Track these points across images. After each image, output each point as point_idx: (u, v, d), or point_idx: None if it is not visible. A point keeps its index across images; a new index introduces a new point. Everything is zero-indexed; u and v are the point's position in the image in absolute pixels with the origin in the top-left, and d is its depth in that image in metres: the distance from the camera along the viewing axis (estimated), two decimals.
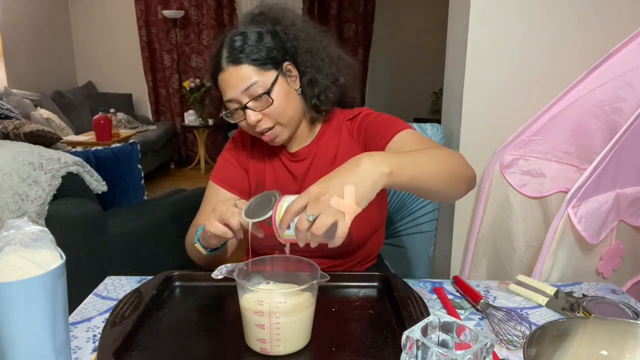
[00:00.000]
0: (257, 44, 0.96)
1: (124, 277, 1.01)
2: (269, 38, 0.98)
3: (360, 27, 5.41)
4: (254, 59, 0.95)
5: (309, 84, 1.02)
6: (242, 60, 0.95)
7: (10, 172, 1.48)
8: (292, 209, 0.70)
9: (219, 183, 1.10)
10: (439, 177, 0.80)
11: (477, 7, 1.44)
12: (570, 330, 0.68)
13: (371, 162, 0.71)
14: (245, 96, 0.96)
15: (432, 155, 0.82)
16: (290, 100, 0.99)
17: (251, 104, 0.96)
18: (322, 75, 1.02)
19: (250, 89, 0.95)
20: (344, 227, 0.67)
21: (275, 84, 0.96)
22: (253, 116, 0.97)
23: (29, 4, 4.65)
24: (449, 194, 0.85)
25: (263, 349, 0.72)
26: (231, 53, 0.96)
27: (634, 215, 1.27)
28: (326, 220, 0.66)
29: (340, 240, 0.68)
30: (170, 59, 5.31)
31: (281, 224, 0.71)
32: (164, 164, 5.15)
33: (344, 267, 1.11)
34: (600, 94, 1.28)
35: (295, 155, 1.09)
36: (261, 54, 0.96)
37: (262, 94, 0.95)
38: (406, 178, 0.74)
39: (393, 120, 1.00)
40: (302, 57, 1.01)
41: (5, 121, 2.22)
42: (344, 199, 0.67)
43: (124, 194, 1.97)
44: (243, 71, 0.95)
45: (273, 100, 0.96)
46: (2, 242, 0.61)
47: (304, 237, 0.69)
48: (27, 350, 0.60)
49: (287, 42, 0.99)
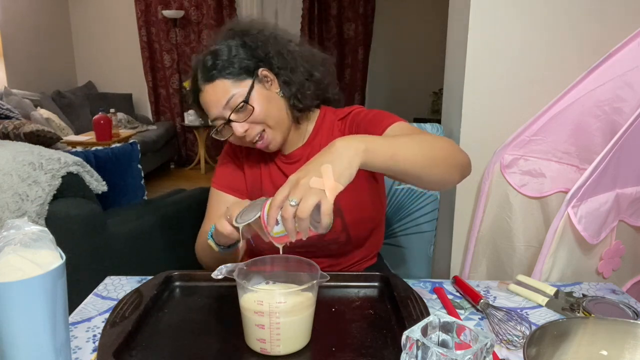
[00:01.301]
0: (228, 59, 0.98)
1: (124, 277, 1.01)
2: (240, 49, 0.99)
3: (360, 27, 5.41)
4: (228, 73, 0.97)
5: (285, 84, 1.03)
6: (216, 76, 0.97)
7: (10, 172, 1.48)
8: (276, 201, 0.70)
9: (221, 189, 1.11)
10: (424, 158, 0.79)
11: (477, 7, 1.44)
12: (570, 330, 0.68)
13: (345, 142, 0.72)
14: (227, 110, 0.97)
15: (417, 138, 0.82)
16: (272, 103, 1.00)
17: (234, 116, 0.97)
18: (295, 74, 1.03)
19: (230, 102, 0.97)
20: (327, 205, 0.67)
21: (252, 92, 0.97)
22: (239, 128, 0.98)
23: (29, 4, 4.65)
24: (439, 179, 0.84)
25: (263, 349, 0.72)
26: (204, 73, 0.98)
27: (634, 215, 1.27)
28: (309, 201, 0.67)
29: (327, 218, 0.68)
30: (170, 59, 5.31)
31: (269, 219, 0.71)
32: (164, 164, 5.15)
33: (343, 266, 1.11)
34: (600, 94, 1.28)
35: (289, 157, 1.09)
36: (234, 66, 0.97)
37: (241, 103, 0.96)
38: (386, 156, 0.74)
39: (384, 115, 1.00)
40: (274, 60, 1.02)
41: (5, 121, 2.22)
42: (323, 177, 0.68)
43: (124, 194, 1.97)
44: (218, 87, 0.97)
45: (254, 108, 0.97)
46: (2, 242, 0.61)
47: (292, 226, 0.69)
48: (27, 350, 0.60)
49: (257, 49, 1.01)
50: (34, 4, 4.71)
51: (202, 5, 5.20)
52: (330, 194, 0.68)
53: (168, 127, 5.23)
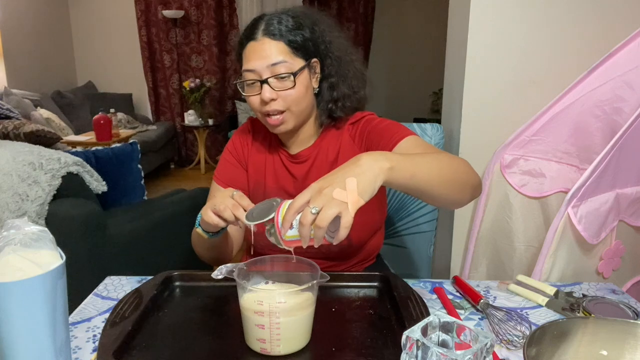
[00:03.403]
0: (295, 30, 0.97)
1: (124, 277, 1.01)
2: (307, 30, 0.99)
3: (360, 27, 5.41)
4: (290, 40, 0.96)
5: (329, 87, 1.03)
6: (279, 37, 0.96)
7: (10, 172, 1.48)
8: (295, 205, 0.70)
9: (222, 184, 1.11)
10: (440, 178, 0.79)
11: (477, 7, 1.44)
12: (570, 330, 0.68)
13: (371, 158, 0.72)
14: (268, 71, 0.95)
15: (435, 158, 0.82)
16: (307, 93, 1.00)
17: (272, 80, 0.96)
18: (345, 84, 1.04)
19: (277, 66, 0.95)
20: (348, 218, 0.67)
21: (301, 72, 0.97)
22: (268, 93, 0.96)
23: (29, 4, 4.65)
24: (452, 199, 0.84)
25: (263, 349, 0.72)
26: (269, 27, 0.96)
27: (634, 215, 1.27)
28: (330, 211, 0.66)
29: (345, 231, 0.68)
30: (170, 59, 5.31)
31: (284, 222, 0.71)
32: (164, 164, 5.15)
33: (343, 267, 1.11)
34: (600, 94, 1.28)
35: (296, 157, 1.09)
36: (297, 38, 0.97)
37: (286, 74, 0.95)
38: (407, 175, 0.74)
39: (397, 127, 1.00)
40: (331, 61, 1.03)
41: (5, 121, 2.22)
42: (347, 191, 0.68)
43: (124, 194, 1.97)
44: (276, 46, 0.95)
45: (295, 84, 0.96)
46: (2, 242, 0.61)
47: (308, 233, 0.68)
48: (27, 350, 0.60)
49: (322, 43, 1.01)
50: (34, 4, 4.71)
51: (202, 5, 5.20)
52: (352, 208, 0.67)
53: (168, 127, 5.23)
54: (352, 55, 1.07)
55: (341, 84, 1.04)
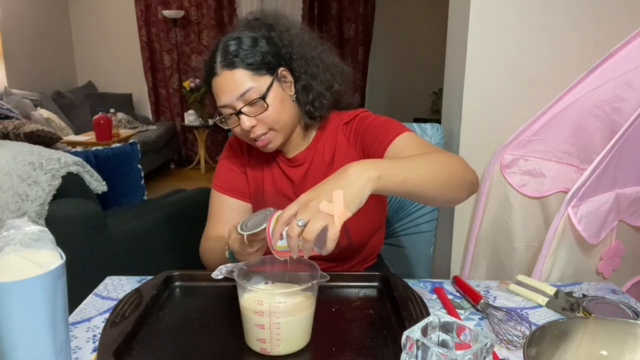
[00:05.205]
0: (251, 49, 0.95)
1: (124, 277, 1.01)
2: (264, 43, 0.97)
3: (360, 27, 5.41)
4: (249, 64, 0.94)
5: (303, 90, 1.01)
6: (237, 65, 0.94)
7: (10, 172, 1.48)
8: (283, 217, 0.70)
9: (222, 191, 1.10)
10: (434, 180, 0.79)
11: (477, 7, 1.44)
12: (570, 330, 0.68)
13: (358, 168, 0.71)
14: (240, 102, 0.95)
15: (427, 159, 0.81)
16: (284, 106, 0.98)
17: (246, 109, 0.95)
18: (316, 81, 1.02)
19: (245, 95, 0.94)
20: (334, 231, 0.66)
21: (270, 89, 0.95)
22: (247, 122, 0.95)
23: (29, 4, 4.65)
24: (447, 199, 0.84)
25: (263, 349, 0.72)
26: (225, 57, 0.94)
27: (634, 215, 1.27)
28: (316, 225, 0.66)
29: (332, 243, 0.67)
30: (170, 59, 5.31)
31: (273, 233, 0.71)
32: (164, 164, 5.15)
33: (343, 268, 1.11)
34: (601, 94, 1.28)
35: (292, 160, 1.08)
36: (256, 58, 0.95)
37: (257, 99, 0.94)
38: (397, 182, 0.74)
39: (391, 124, 0.99)
40: (297, 63, 1.00)
41: (5, 121, 2.22)
42: (333, 203, 0.67)
43: (124, 194, 1.97)
44: (237, 76, 0.94)
45: (268, 106, 0.95)
46: (2, 242, 0.61)
47: (296, 245, 0.68)
48: (27, 350, 0.60)
49: (282, 47, 0.98)
50: (34, 4, 4.71)
51: (202, 5, 5.20)
52: (338, 221, 0.67)
53: (168, 127, 5.23)
54: (318, 47, 1.04)
55: (313, 83, 1.01)
